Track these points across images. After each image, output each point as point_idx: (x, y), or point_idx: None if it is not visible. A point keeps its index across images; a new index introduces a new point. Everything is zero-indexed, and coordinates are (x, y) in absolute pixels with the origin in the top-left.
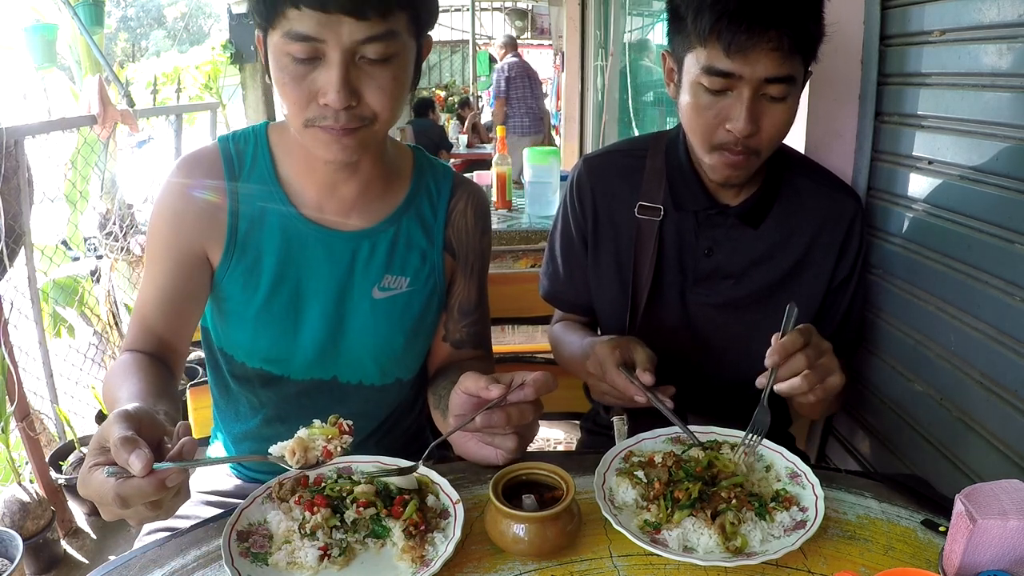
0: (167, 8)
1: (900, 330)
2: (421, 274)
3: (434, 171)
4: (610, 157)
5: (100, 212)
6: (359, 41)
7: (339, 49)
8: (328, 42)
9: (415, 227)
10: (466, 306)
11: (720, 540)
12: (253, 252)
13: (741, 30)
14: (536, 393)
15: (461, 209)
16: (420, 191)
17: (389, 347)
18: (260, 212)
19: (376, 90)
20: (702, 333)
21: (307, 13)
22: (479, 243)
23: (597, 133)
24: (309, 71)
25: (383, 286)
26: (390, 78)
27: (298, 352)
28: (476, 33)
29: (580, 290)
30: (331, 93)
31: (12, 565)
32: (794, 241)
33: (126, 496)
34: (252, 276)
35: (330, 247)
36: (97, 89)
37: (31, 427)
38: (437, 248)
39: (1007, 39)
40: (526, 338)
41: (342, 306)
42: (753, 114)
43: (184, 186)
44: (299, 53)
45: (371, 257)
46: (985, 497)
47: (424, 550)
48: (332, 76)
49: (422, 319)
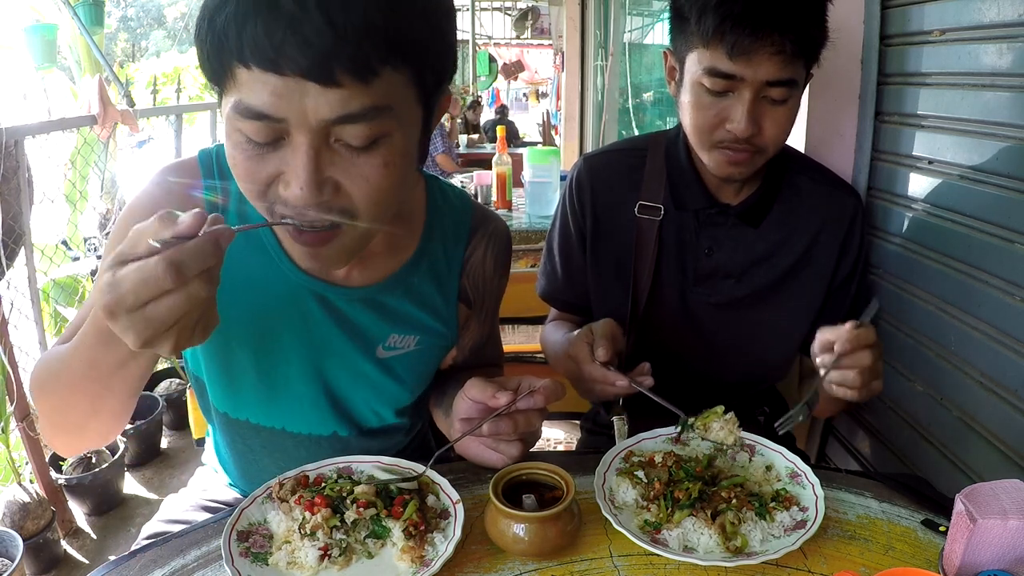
0: (167, 8)
1: (900, 330)
2: (431, 332)
3: (451, 209)
4: (610, 156)
5: (100, 212)
6: (329, 121)
7: (305, 130)
8: (288, 120)
9: (427, 284)
10: (479, 343)
11: (720, 540)
12: (241, 306)
13: (745, 33)
14: (546, 401)
15: (479, 257)
16: (433, 239)
17: (393, 401)
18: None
19: (361, 182)
20: (702, 333)
21: (258, 76)
22: (497, 286)
23: (597, 133)
24: (268, 152)
25: (388, 345)
26: (379, 166)
27: (293, 408)
28: (476, 33)
29: (578, 290)
30: (294, 187)
31: (12, 565)
32: (795, 240)
33: (181, 262)
34: (239, 330)
35: (327, 303)
36: (97, 89)
37: (31, 427)
38: (452, 302)
39: (1007, 39)
40: (526, 338)
41: (342, 366)
42: (753, 116)
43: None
44: (255, 135)
45: (376, 317)
46: (985, 497)
47: (424, 550)
48: (298, 163)
49: (428, 373)
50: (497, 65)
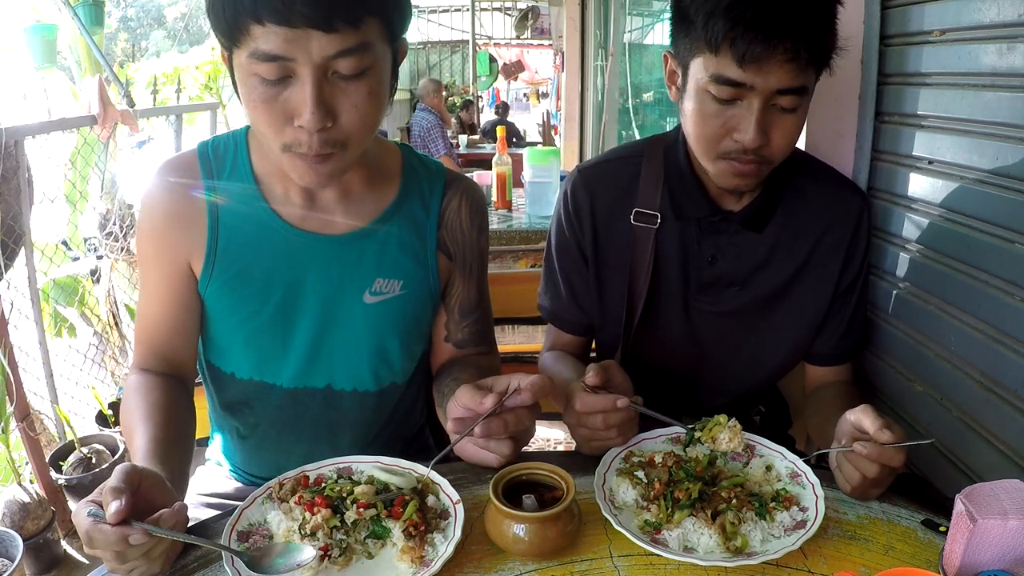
0: (167, 8)
1: (900, 330)
2: (415, 276)
3: (426, 170)
4: (605, 166)
5: (100, 212)
6: (330, 56)
7: (310, 66)
8: (298, 60)
9: (406, 228)
10: (466, 306)
11: (720, 540)
12: (236, 262)
13: (757, 40)
14: (533, 398)
15: (455, 208)
16: (410, 191)
17: (383, 352)
18: (241, 220)
19: (351, 109)
20: (705, 341)
21: (272, 29)
22: (476, 242)
23: (597, 133)
24: (280, 91)
25: (374, 290)
26: (366, 93)
27: (289, 361)
28: (476, 33)
29: (585, 308)
30: (305, 113)
31: (12, 565)
32: (799, 242)
33: (91, 536)
34: (237, 286)
35: (315, 252)
36: (97, 89)
37: (31, 427)
38: (431, 249)
39: (1007, 39)
40: (526, 338)
41: (332, 312)
42: (763, 125)
43: (163, 197)
44: (268, 74)
45: (359, 261)
46: (985, 497)
47: (424, 551)
48: (305, 95)
49: (417, 323)
50: (497, 65)
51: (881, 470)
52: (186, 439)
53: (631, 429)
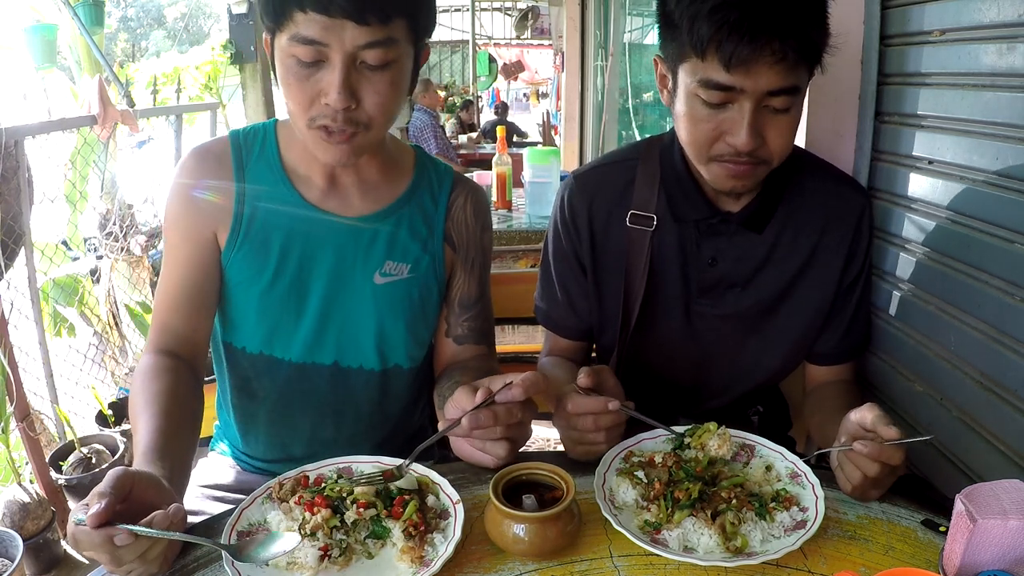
0: (167, 8)
1: (900, 330)
2: (422, 262)
3: (435, 168)
4: (600, 171)
5: (100, 212)
6: (360, 46)
7: (341, 52)
8: (331, 46)
9: (417, 217)
10: (466, 300)
11: (720, 540)
12: (259, 235)
13: (743, 42)
14: (524, 393)
15: (461, 204)
16: (422, 184)
17: (389, 331)
18: (266, 197)
19: (373, 95)
20: (706, 344)
21: (312, 17)
22: (479, 238)
23: (597, 133)
24: (313, 73)
25: (384, 272)
26: (388, 83)
27: (299, 333)
28: (476, 33)
29: (583, 315)
30: (332, 93)
31: (12, 565)
32: (800, 240)
33: (77, 538)
34: (257, 258)
35: (333, 232)
36: (97, 89)
37: (31, 427)
38: (437, 239)
39: (1007, 39)
40: (526, 338)
41: (344, 289)
42: (755, 128)
43: (195, 173)
44: (304, 56)
45: (373, 243)
46: (985, 497)
47: (424, 551)
48: (334, 78)
49: (422, 306)
50: (497, 65)
51: (882, 469)
52: (191, 426)
53: (619, 435)
